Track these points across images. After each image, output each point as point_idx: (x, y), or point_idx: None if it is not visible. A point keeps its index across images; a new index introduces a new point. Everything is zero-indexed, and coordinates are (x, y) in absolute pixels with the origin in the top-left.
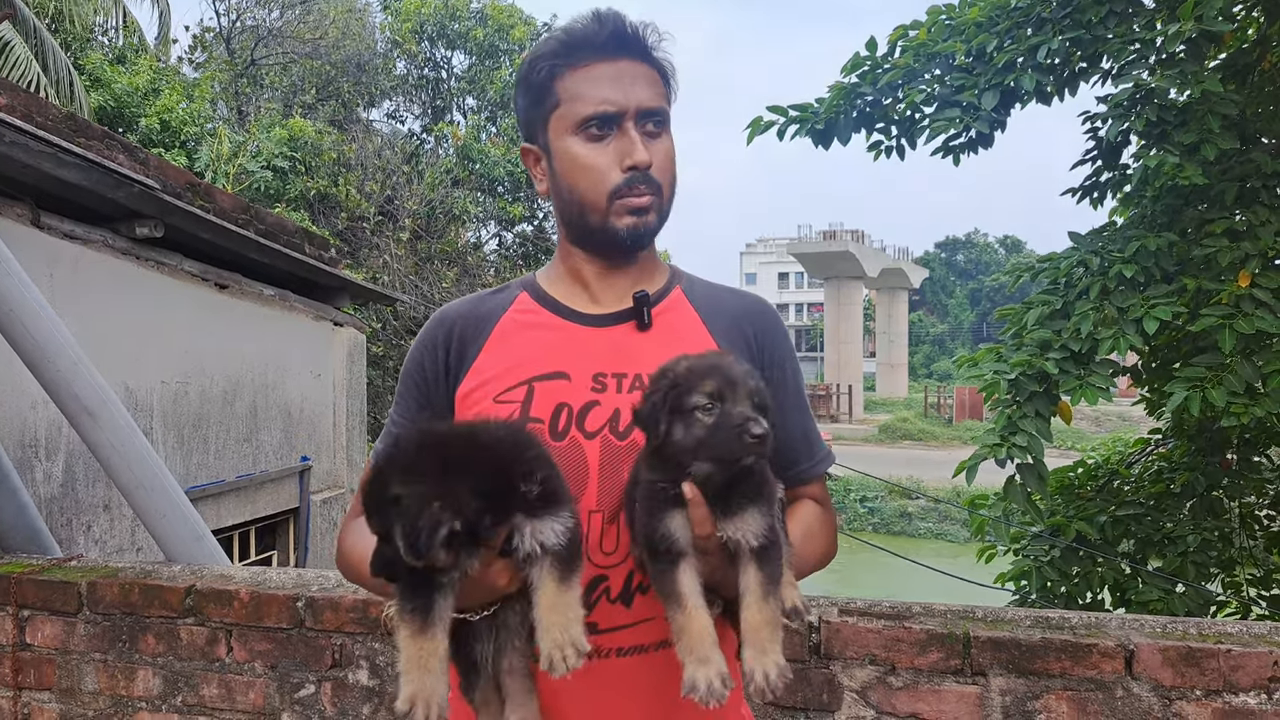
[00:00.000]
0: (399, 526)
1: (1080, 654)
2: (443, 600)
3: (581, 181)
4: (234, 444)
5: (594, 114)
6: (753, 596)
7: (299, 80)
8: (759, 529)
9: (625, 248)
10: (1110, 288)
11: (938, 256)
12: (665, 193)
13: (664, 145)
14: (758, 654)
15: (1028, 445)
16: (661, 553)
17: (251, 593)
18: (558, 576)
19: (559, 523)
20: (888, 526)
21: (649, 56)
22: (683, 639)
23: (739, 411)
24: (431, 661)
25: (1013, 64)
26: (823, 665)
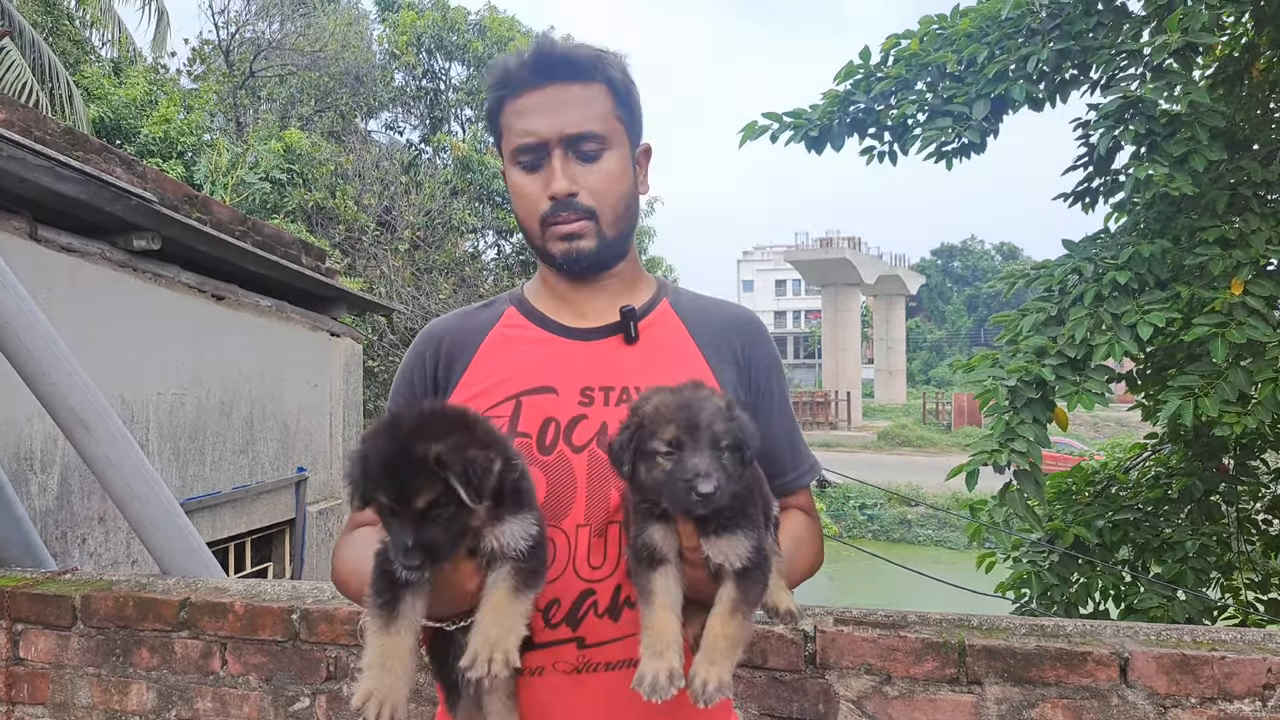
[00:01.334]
0: (454, 474)
1: (1075, 662)
2: (411, 598)
3: (519, 209)
4: (230, 455)
5: (518, 145)
6: (722, 608)
7: (297, 91)
8: (743, 552)
9: (565, 271)
10: (1104, 294)
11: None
12: (605, 215)
13: (601, 168)
14: (706, 662)
15: (1026, 451)
16: (644, 559)
17: (246, 605)
18: (511, 585)
19: (523, 529)
20: (887, 534)
21: (581, 75)
22: (645, 634)
23: (692, 464)
24: (392, 660)
25: (1003, 74)
26: (818, 675)
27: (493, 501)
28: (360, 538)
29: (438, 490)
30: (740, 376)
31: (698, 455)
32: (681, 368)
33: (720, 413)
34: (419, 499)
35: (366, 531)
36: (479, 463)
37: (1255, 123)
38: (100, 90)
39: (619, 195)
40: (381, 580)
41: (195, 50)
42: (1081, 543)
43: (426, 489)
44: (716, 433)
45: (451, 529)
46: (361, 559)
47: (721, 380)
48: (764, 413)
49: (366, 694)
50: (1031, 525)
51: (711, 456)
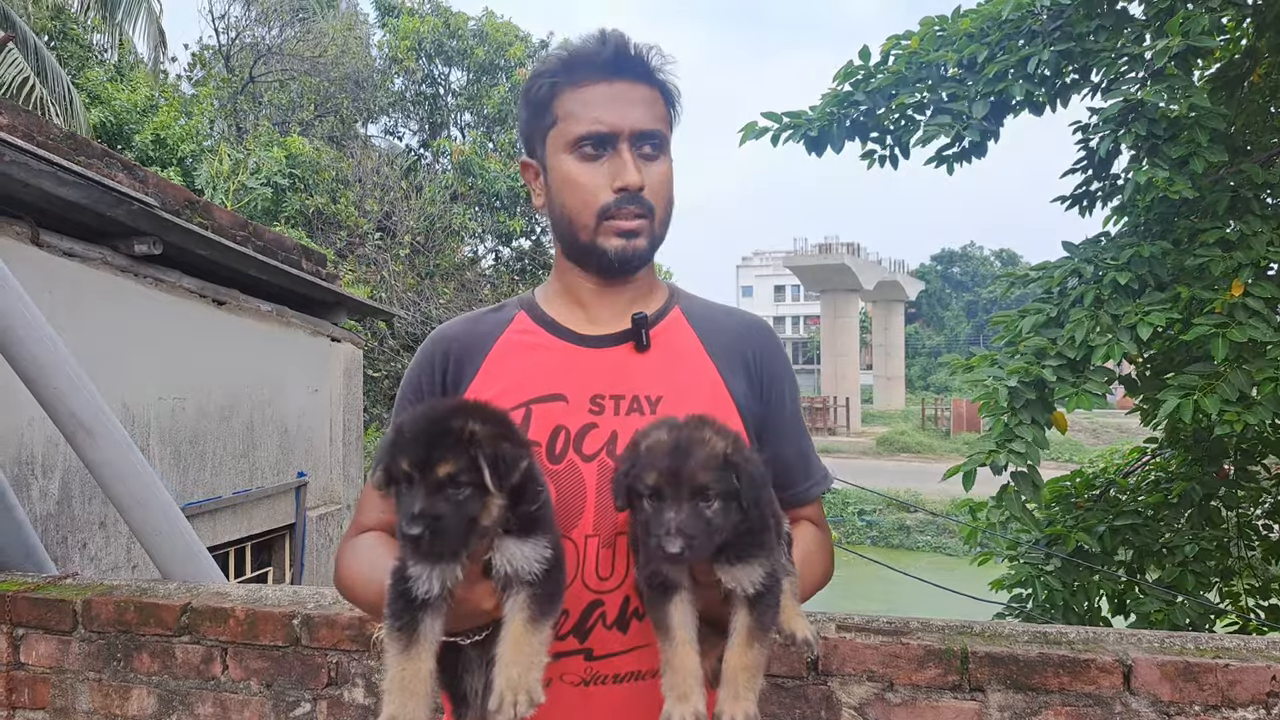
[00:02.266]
0: (482, 456)
1: (1078, 669)
2: (431, 620)
3: (572, 199)
4: (231, 460)
5: (588, 133)
6: (739, 639)
7: (297, 97)
8: (756, 578)
9: (613, 269)
10: (1104, 296)
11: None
12: (658, 215)
13: (660, 168)
14: (730, 697)
15: (1025, 452)
16: (656, 585)
17: (247, 610)
18: (528, 616)
19: (536, 551)
20: (886, 540)
21: (650, 78)
22: (667, 673)
23: (666, 519)
24: (415, 683)
25: (1003, 74)
26: (820, 682)
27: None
28: (365, 544)
29: (461, 464)
30: (751, 386)
31: (674, 509)
32: (692, 376)
33: (712, 459)
34: (441, 467)
35: (372, 538)
36: (509, 454)
37: (1255, 127)
38: (105, 93)
39: (670, 197)
40: (399, 601)
41: (195, 55)
42: (1081, 548)
43: (451, 459)
44: (701, 484)
45: (462, 510)
46: (369, 566)
47: (732, 390)
48: (775, 423)
49: (390, 718)
50: (1029, 527)
51: (690, 510)
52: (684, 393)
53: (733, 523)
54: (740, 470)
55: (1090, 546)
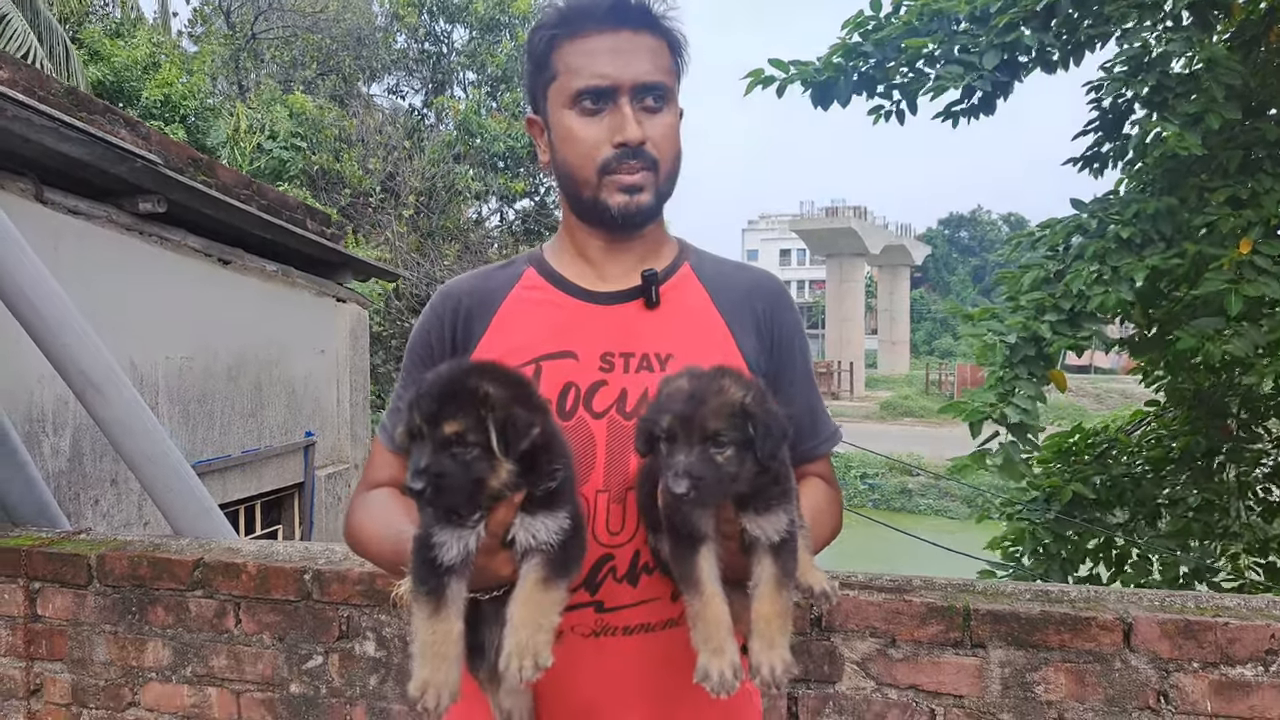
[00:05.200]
0: (491, 419)
1: (1079, 627)
2: (457, 583)
3: (573, 155)
4: (239, 419)
5: (587, 87)
6: (767, 587)
7: (300, 54)
8: (780, 526)
9: (617, 225)
10: (1108, 249)
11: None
12: (663, 169)
13: (664, 120)
14: (765, 647)
15: (1026, 407)
16: (684, 536)
17: (259, 566)
18: (541, 575)
19: (554, 521)
20: (888, 503)
21: (654, 26)
22: (699, 626)
23: (676, 461)
24: (445, 646)
25: (1015, 25)
26: (824, 638)
27: (521, 472)
28: (377, 500)
29: (469, 424)
30: (761, 342)
31: (684, 452)
32: (702, 334)
33: (726, 407)
34: (449, 425)
35: (383, 494)
36: (521, 420)
37: (1272, 88)
38: (104, 49)
39: (676, 150)
40: (425, 566)
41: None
42: (1078, 502)
43: (460, 419)
44: (712, 430)
45: (467, 471)
46: (382, 523)
47: (742, 347)
48: (785, 380)
49: (423, 684)
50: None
51: (700, 455)
52: (694, 350)
53: (748, 472)
54: (756, 420)
55: (1087, 496)
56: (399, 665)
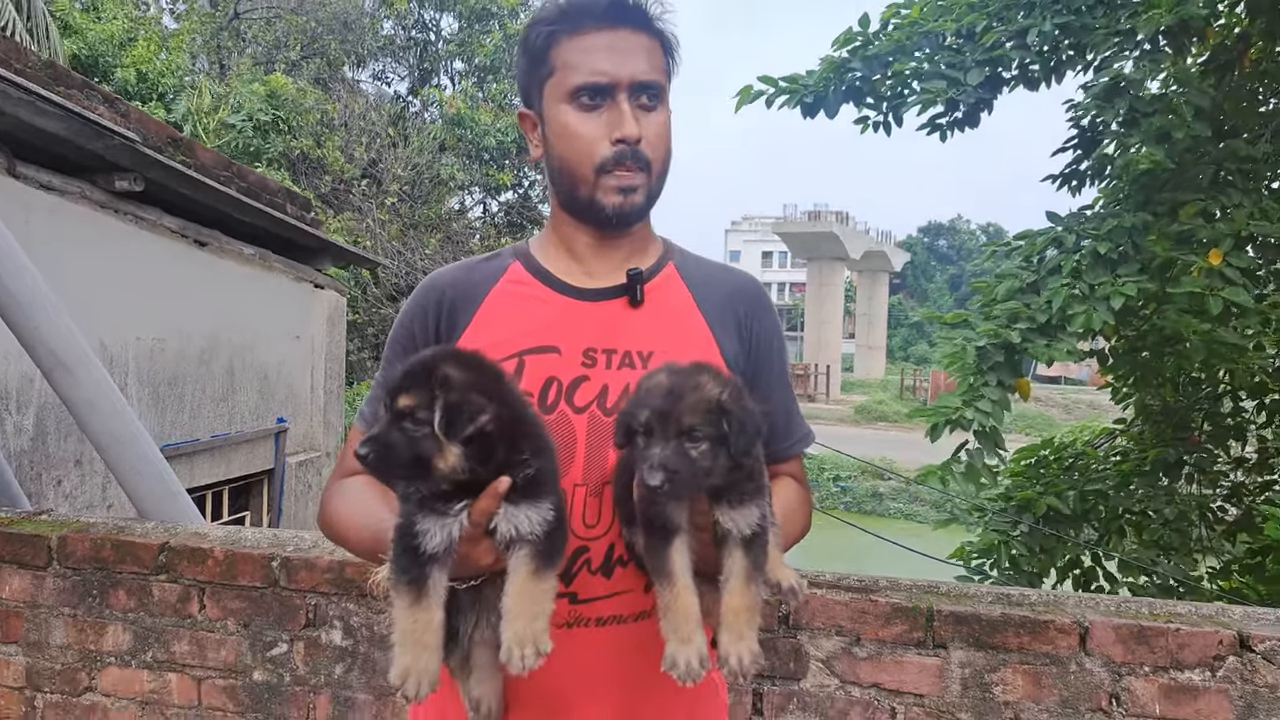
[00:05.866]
0: (441, 400)
1: (1038, 629)
2: (438, 573)
3: (570, 151)
4: (210, 403)
5: (585, 84)
6: (737, 581)
7: (283, 36)
8: (752, 520)
9: (610, 225)
10: (1083, 265)
11: (920, 241)
12: (655, 169)
13: (658, 119)
14: (734, 639)
15: (990, 412)
16: (658, 528)
17: (226, 551)
18: (532, 568)
19: (538, 513)
20: (859, 506)
21: (650, 27)
22: (668, 617)
23: (652, 454)
24: (426, 635)
25: (1000, 44)
26: (790, 635)
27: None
28: (354, 486)
29: (418, 401)
30: (742, 344)
31: (660, 445)
32: (684, 333)
33: (702, 403)
34: (403, 399)
35: (360, 481)
36: (469, 406)
37: (1244, 112)
38: (78, 23)
39: (668, 150)
40: (407, 555)
41: None
42: (1050, 516)
43: (412, 393)
44: (688, 424)
45: (410, 446)
46: (361, 510)
47: (723, 347)
48: (763, 381)
49: (404, 671)
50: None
51: (675, 449)
52: (676, 348)
53: (722, 467)
54: (731, 416)
55: (1061, 509)
56: (365, 654)
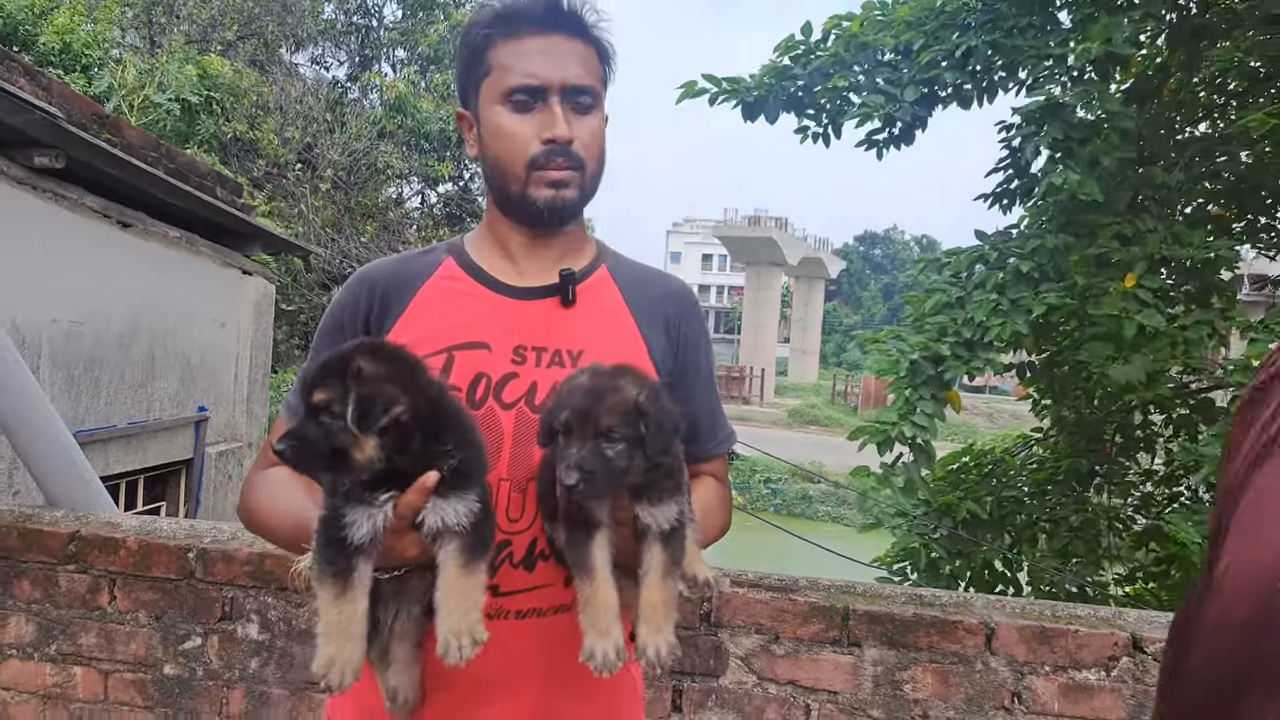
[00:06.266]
0: (354, 393)
1: (947, 629)
2: (364, 563)
3: (503, 150)
4: (128, 389)
5: (519, 85)
6: (655, 575)
7: (219, 14)
8: (671, 516)
9: (543, 220)
10: (1006, 282)
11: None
12: (588, 169)
13: (591, 122)
14: (652, 631)
15: (925, 426)
16: (580, 523)
17: (140, 541)
18: (462, 561)
19: (464, 505)
20: (789, 508)
21: (585, 33)
22: (587, 610)
23: (569, 454)
24: (351, 625)
25: (936, 63)
26: (711, 633)
27: (388, 448)
28: (276, 477)
29: (333, 395)
30: (670, 345)
31: (576, 445)
32: (614, 333)
33: (619, 405)
34: (316, 394)
35: (283, 471)
36: (382, 398)
37: (1161, 140)
38: None
39: (601, 151)
40: (332, 546)
41: None
42: (968, 521)
43: (327, 388)
44: (605, 426)
45: (326, 440)
46: (283, 500)
47: (651, 348)
48: (689, 383)
49: (328, 661)
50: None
51: (592, 449)
52: (605, 348)
53: (638, 467)
54: (648, 419)
55: (980, 514)
56: (283, 649)
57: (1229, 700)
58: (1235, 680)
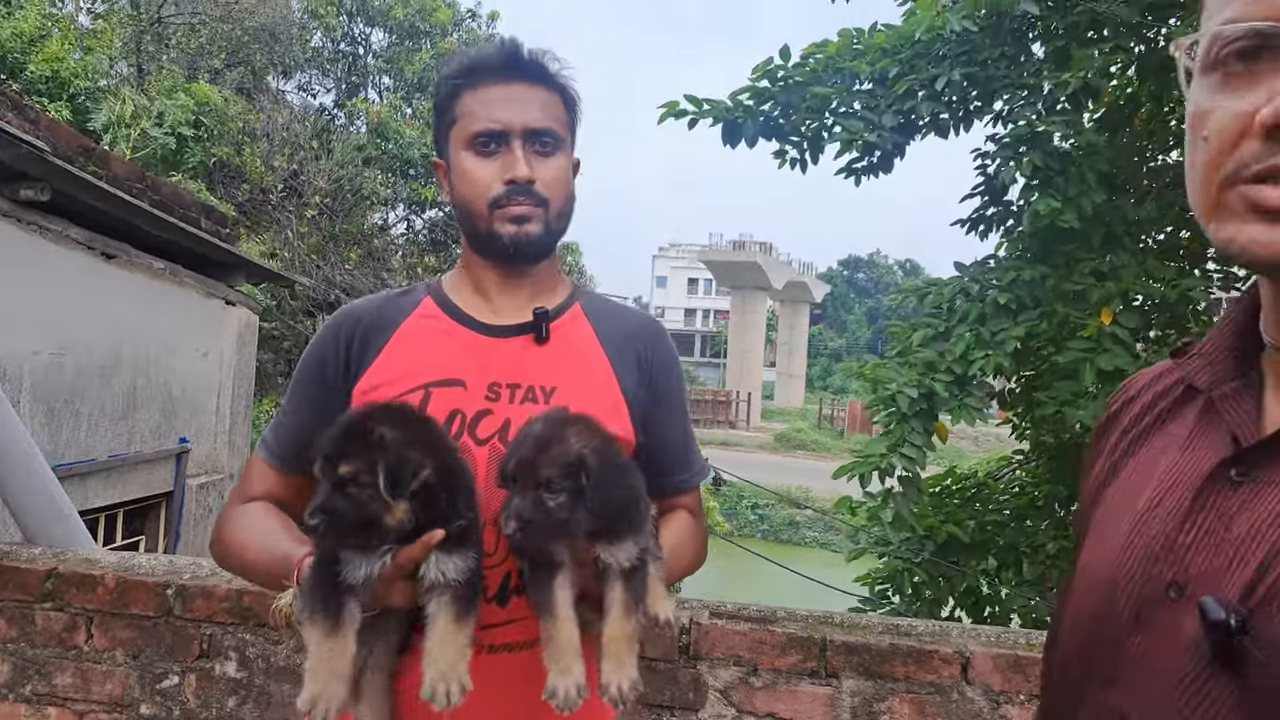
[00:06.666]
0: (382, 461)
1: (924, 659)
2: (353, 604)
3: (468, 191)
4: (108, 422)
5: (482, 130)
6: (617, 612)
7: (207, 43)
8: (630, 554)
9: (509, 255)
10: (986, 314)
11: (840, 274)
12: (553, 207)
13: (554, 164)
14: (615, 667)
15: (914, 458)
16: (540, 564)
17: (118, 579)
18: (454, 614)
19: (464, 560)
20: (776, 534)
21: (546, 80)
22: (549, 647)
23: (511, 502)
24: (339, 663)
25: (912, 92)
26: (690, 665)
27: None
28: (253, 513)
29: (361, 466)
30: (643, 380)
31: (519, 494)
32: (587, 370)
33: (560, 456)
34: (343, 466)
35: (260, 507)
36: (410, 462)
37: (1132, 169)
38: None
39: (567, 191)
40: (324, 586)
41: None
42: (950, 545)
43: (353, 459)
44: (545, 477)
45: (358, 509)
46: (259, 535)
47: (623, 383)
48: (662, 417)
49: (314, 697)
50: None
51: (533, 499)
52: (578, 385)
53: (581, 517)
54: (590, 471)
55: (960, 538)
56: (260, 687)
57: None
58: (1082, 672)
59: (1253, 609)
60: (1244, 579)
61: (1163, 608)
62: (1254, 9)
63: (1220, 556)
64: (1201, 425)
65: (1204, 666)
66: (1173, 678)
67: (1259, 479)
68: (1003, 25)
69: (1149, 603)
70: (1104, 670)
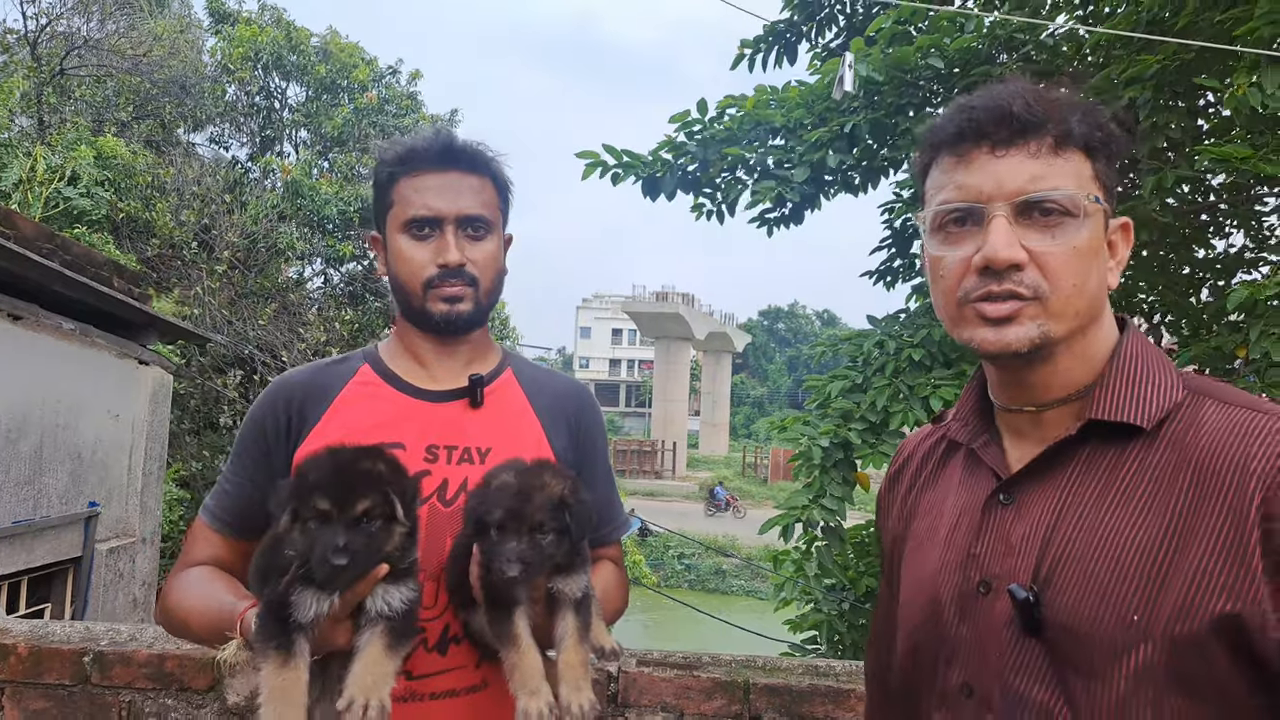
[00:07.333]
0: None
1: (840, 698)
2: (304, 640)
3: (403, 272)
4: (12, 487)
5: (416, 217)
6: (571, 639)
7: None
8: (582, 585)
9: (441, 329)
10: (901, 367)
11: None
12: (483, 286)
13: (485, 247)
14: (573, 690)
15: (835, 509)
16: (502, 602)
17: (32, 647)
18: (386, 643)
19: (407, 591)
20: (703, 583)
21: (480, 168)
22: (515, 675)
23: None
24: (293, 692)
25: (823, 143)
26: (619, 714)
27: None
28: (197, 576)
29: (377, 500)
30: (571, 440)
31: (515, 539)
32: (519, 431)
33: (549, 500)
34: (360, 504)
35: (206, 571)
36: (412, 486)
37: None
38: None
39: (496, 271)
40: (276, 624)
41: None
42: (872, 593)
43: (368, 496)
44: (538, 521)
45: (376, 540)
46: (201, 595)
47: (554, 443)
48: (588, 474)
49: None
50: (837, 578)
51: (530, 542)
52: (512, 445)
53: (564, 551)
54: (572, 510)
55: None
56: None
57: (925, 673)
58: (925, 660)
59: (1041, 588)
60: (1029, 568)
61: (978, 601)
62: (958, 194)
63: (1010, 558)
64: (968, 469)
65: (1017, 634)
66: (996, 647)
67: (1017, 499)
68: (905, 79)
69: (967, 599)
70: (944, 655)
